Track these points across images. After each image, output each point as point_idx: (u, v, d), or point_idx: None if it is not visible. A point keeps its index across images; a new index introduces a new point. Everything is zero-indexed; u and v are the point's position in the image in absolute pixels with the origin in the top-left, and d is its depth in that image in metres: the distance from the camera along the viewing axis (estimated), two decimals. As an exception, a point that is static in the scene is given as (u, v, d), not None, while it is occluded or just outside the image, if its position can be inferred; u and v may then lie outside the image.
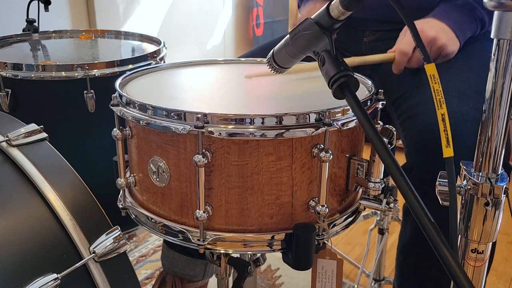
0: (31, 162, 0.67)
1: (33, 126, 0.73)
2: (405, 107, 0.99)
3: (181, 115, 0.64)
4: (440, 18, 1.02)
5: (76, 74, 0.99)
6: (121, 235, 0.64)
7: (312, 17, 0.61)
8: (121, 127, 0.75)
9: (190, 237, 0.69)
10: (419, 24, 1.00)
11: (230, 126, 0.63)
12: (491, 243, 0.58)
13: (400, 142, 1.00)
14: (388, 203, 0.74)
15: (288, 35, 0.65)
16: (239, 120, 0.63)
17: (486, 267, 0.59)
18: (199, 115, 0.63)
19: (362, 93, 0.78)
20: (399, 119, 1.00)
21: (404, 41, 0.99)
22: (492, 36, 0.51)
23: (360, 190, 0.77)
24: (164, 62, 1.14)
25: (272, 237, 0.69)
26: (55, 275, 0.58)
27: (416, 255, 0.99)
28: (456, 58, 1.02)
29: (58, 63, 1.01)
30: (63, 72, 0.99)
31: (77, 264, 0.60)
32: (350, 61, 0.96)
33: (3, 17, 1.75)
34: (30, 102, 1.04)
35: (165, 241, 1.27)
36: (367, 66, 1.13)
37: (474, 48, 1.04)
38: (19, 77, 0.99)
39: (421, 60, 0.98)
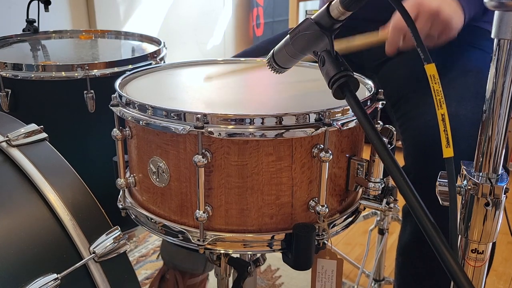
0: (31, 162, 0.67)
1: (33, 126, 0.73)
2: (404, 109, 0.97)
3: (180, 116, 0.64)
4: None
5: (76, 74, 0.99)
6: (121, 235, 0.64)
7: (312, 17, 0.61)
8: (121, 127, 0.75)
9: (190, 237, 0.69)
10: None
11: (230, 126, 0.63)
12: (491, 243, 0.58)
13: (400, 142, 1.00)
14: (388, 203, 0.74)
15: (288, 35, 0.65)
16: (239, 120, 0.63)
17: (486, 267, 0.59)
18: (199, 116, 0.63)
19: (362, 93, 0.78)
20: (398, 121, 0.99)
21: (399, 16, 0.81)
22: (492, 36, 0.51)
23: (360, 190, 0.77)
24: (164, 62, 1.14)
25: (272, 237, 0.69)
26: (55, 275, 0.58)
27: (415, 256, 0.98)
28: (455, 59, 1.00)
29: (58, 63, 1.01)
30: (63, 72, 0.99)
31: (77, 264, 0.60)
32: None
33: (3, 17, 1.75)
34: (30, 102, 1.04)
35: None
36: (368, 67, 1.13)
37: (474, 50, 1.03)
38: (19, 77, 0.99)
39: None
